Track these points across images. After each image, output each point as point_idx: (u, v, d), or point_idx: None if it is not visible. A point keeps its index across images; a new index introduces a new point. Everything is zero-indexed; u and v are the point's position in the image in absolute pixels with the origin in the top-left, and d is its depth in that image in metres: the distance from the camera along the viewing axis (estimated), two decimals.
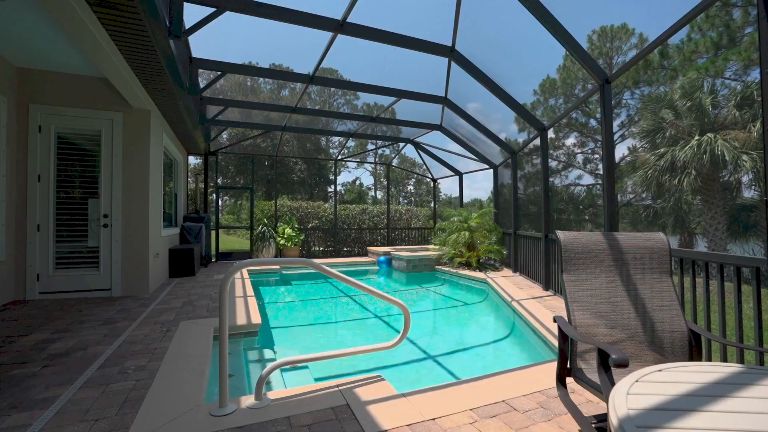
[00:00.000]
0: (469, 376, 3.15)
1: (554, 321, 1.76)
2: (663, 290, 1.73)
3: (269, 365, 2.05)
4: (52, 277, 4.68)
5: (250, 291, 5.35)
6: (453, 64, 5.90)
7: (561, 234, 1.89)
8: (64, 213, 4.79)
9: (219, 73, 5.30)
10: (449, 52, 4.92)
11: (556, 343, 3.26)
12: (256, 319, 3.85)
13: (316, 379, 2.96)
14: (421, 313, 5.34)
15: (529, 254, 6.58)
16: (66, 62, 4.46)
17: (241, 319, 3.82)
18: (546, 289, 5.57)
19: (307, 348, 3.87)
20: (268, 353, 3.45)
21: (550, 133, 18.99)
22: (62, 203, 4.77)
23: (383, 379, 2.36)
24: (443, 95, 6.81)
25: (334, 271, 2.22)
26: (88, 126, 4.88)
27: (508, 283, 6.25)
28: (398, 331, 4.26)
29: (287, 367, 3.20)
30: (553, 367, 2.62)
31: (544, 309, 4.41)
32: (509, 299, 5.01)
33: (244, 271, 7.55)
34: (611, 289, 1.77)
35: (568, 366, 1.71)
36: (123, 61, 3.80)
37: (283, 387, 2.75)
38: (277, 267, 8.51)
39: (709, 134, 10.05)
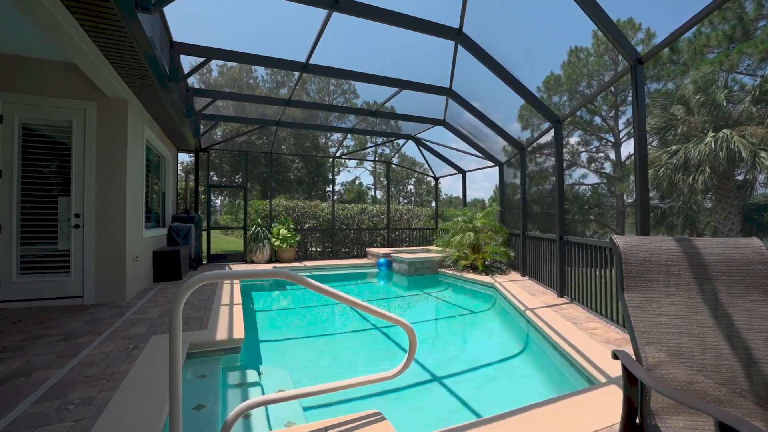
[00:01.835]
0: (482, 404, 2.71)
1: (614, 357, 1.30)
2: (767, 317, 1.28)
3: (235, 409, 1.59)
4: (15, 283, 4.22)
5: (237, 298, 4.90)
6: (459, 51, 5.46)
7: (620, 240, 1.43)
8: (31, 212, 4.33)
9: (204, 59, 4.84)
10: (456, 35, 4.47)
11: (584, 363, 2.80)
12: (239, 333, 3.39)
13: (305, 409, 2.51)
14: (424, 323, 4.89)
15: (541, 257, 6.12)
16: (29, 44, 4.00)
17: (221, 334, 3.36)
18: (561, 295, 5.11)
19: (297, 366, 3.41)
20: (251, 375, 2.98)
21: (552, 133, 18.50)
22: (28, 201, 4.31)
23: (383, 419, 1.91)
24: (448, 86, 6.35)
25: (321, 285, 1.76)
26: (57, 116, 4.42)
27: (518, 288, 5.79)
28: (401, 347, 3.82)
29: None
30: (594, 399, 2.17)
31: (564, 320, 3.95)
32: (522, 308, 4.55)
33: None
34: (692, 315, 1.31)
35: (638, 420, 1.25)
36: (87, 39, 3.34)
37: (264, 420, 2.30)
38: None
39: (725, 130, 9.59)
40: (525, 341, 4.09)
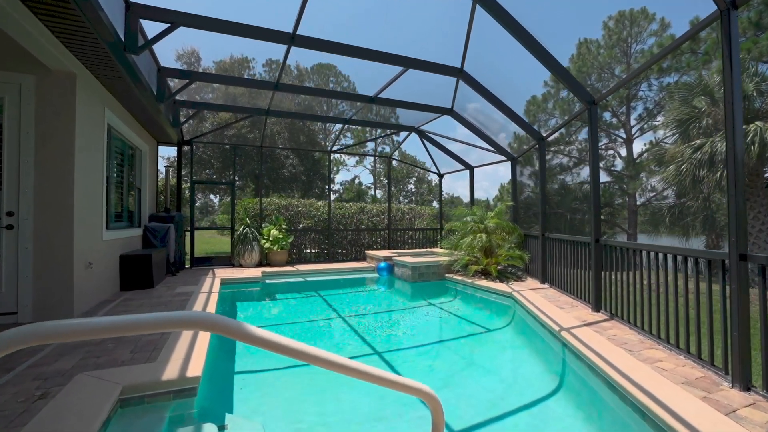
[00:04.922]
0: None
1: None
2: None
3: None
4: None
5: (212, 310, 4.06)
6: (474, 25, 4.66)
7: None
8: None
9: (169, 24, 4.01)
10: None
11: (669, 419, 1.98)
12: (195, 369, 2.56)
13: None
14: (432, 346, 4.06)
15: (567, 263, 5.29)
16: None
17: (171, 370, 2.53)
18: (596, 309, 4.30)
19: (278, 413, 2.59)
20: None
21: (560, 130, 17.63)
22: None
23: None
24: (459, 67, 5.53)
25: (287, 341, 0.95)
26: None
27: (541, 299, 4.98)
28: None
29: None
30: None
31: (614, 346, 3.13)
32: (556, 327, 3.73)
33: (217, 282, 6.26)
34: None
35: None
36: None
37: None
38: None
39: (757, 122, 8.79)
40: (561, 373, 3.27)
